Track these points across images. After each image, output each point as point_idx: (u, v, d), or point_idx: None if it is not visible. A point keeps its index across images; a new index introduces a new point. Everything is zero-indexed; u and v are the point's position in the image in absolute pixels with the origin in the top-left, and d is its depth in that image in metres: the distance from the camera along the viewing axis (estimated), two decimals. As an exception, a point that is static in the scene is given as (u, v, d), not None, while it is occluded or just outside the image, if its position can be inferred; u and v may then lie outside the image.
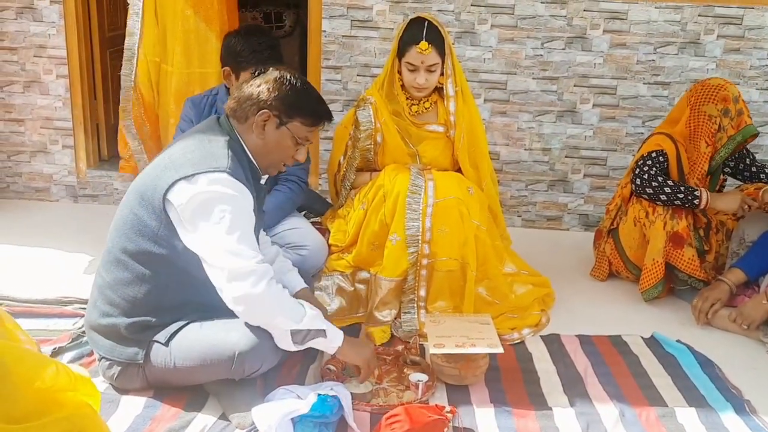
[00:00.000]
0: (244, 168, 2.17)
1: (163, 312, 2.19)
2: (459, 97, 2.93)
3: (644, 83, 3.85)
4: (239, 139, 2.20)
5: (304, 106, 2.20)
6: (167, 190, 2.07)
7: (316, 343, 2.18)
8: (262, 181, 2.32)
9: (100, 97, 4.17)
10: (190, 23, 3.46)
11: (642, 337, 2.86)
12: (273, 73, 2.20)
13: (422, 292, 2.79)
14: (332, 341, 2.20)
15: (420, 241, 2.75)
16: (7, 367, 1.29)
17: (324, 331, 2.17)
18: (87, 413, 1.47)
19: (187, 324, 2.19)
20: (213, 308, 2.21)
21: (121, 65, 3.55)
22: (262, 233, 2.58)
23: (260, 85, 2.18)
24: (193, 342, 2.15)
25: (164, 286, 2.17)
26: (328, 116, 2.27)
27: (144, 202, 2.12)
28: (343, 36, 3.83)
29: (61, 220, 3.90)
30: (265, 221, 2.90)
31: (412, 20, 2.87)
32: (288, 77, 2.20)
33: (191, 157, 2.11)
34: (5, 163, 4.13)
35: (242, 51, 2.77)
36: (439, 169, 2.91)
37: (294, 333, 2.12)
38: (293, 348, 2.15)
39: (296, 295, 2.40)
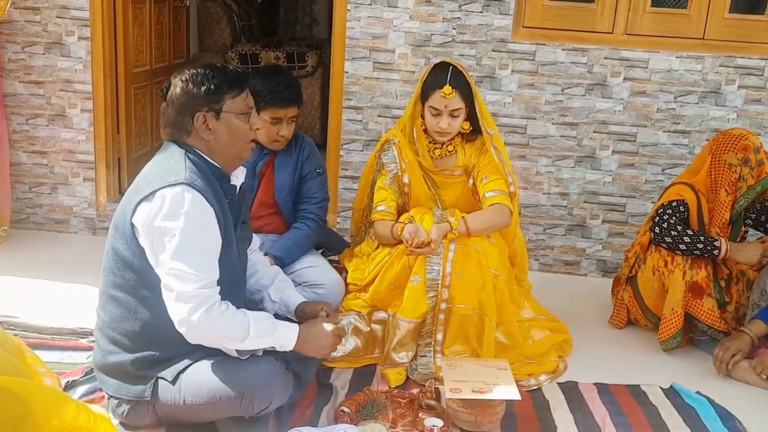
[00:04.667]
0: (206, 176, 2.15)
1: (166, 345, 2.17)
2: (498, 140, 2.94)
3: (664, 131, 3.85)
4: (194, 149, 2.20)
5: (221, 83, 2.18)
6: (132, 215, 2.10)
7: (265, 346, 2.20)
8: (234, 181, 2.29)
9: (123, 131, 4.22)
10: None
11: (661, 388, 2.82)
12: (176, 81, 2.19)
13: (439, 337, 2.77)
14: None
15: (440, 286, 2.74)
16: (28, 406, 1.27)
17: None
18: None
19: (196, 361, 2.17)
20: None
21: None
22: (258, 252, 2.57)
23: (177, 98, 2.18)
24: (202, 378, 2.14)
25: (158, 317, 2.14)
26: (243, 75, 2.24)
27: (118, 234, 2.15)
28: (364, 77, 3.87)
29: (80, 253, 3.91)
30: (283, 259, 2.91)
31: (436, 65, 2.89)
32: (189, 73, 2.19)
33: (150, 178, 2.14)
34: (26, 194, 4.17)
35: (261, 91, 2.80)
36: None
37: (239, 351, 2.17)
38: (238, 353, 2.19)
39: (296, 309, 2.48)
